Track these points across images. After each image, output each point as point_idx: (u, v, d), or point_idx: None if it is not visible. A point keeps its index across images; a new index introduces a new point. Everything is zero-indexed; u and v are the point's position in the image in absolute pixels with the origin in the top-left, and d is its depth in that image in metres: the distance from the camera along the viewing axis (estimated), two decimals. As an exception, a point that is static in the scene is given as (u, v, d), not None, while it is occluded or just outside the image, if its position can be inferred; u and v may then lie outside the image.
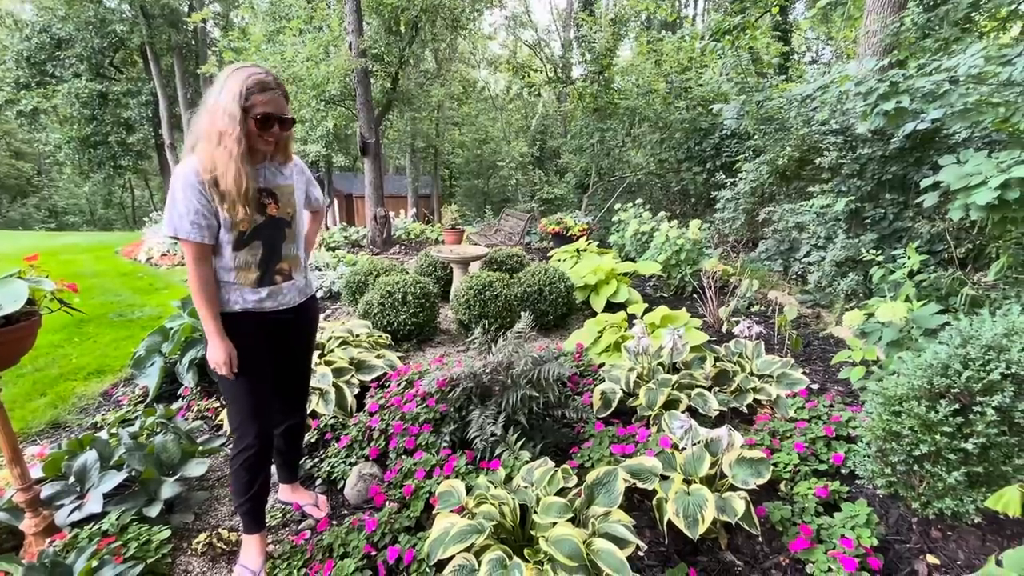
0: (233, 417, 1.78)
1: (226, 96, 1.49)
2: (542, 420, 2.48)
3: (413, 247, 8.88)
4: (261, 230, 1.66)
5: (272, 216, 1.68)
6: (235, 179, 1.52)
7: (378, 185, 8.60)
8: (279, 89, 1.58)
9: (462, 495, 1.80)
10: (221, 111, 1.49)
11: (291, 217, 1.73)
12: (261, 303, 1.71)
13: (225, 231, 1.59)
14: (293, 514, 2.10)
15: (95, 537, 1.74)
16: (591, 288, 4.70)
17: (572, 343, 3.51)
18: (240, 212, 1.56)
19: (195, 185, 1.51)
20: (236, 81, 1.50)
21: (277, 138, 1.61)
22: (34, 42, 18.07)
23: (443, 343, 4.01)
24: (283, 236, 1.73)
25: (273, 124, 1.56)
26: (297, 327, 1.87)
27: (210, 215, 1.55)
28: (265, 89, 1.53)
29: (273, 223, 1.69)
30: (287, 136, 1.66)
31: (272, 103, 1.55)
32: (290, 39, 9.44)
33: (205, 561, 1.85)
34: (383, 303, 3.72)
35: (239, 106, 1.49)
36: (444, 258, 4.68)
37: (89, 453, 2.00)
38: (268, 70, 1.57)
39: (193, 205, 1.52)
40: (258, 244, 1.66)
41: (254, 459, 1.75)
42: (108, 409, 2.94)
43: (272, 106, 1.54)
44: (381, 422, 2.47)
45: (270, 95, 1.54)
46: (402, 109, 11.94)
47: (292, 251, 1.77)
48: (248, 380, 1.72)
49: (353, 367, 2.88)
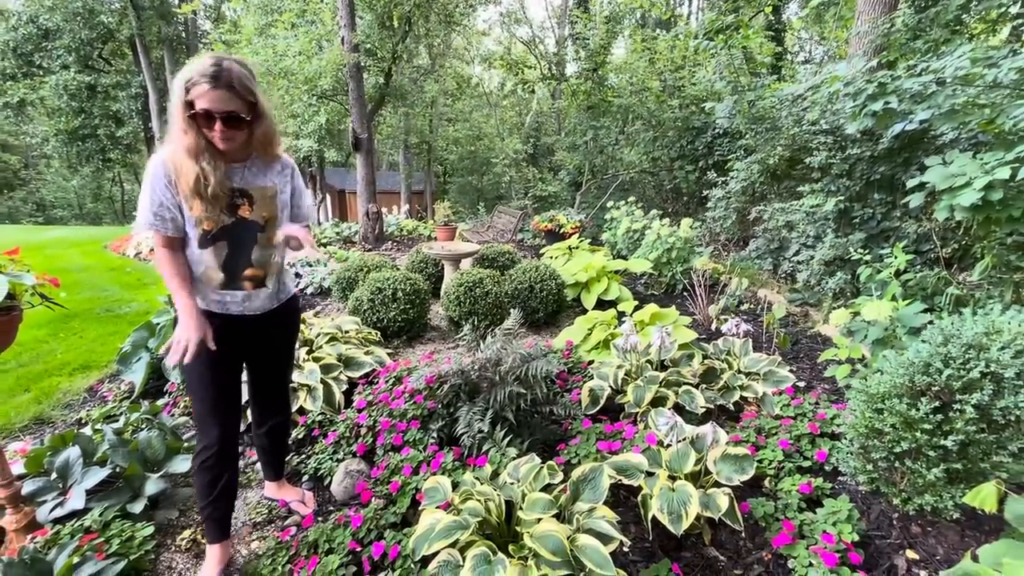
0: (195, 415, 1.75)
1: (174, 86, 1.43)
2: (530, 417, 2.48)
3: (405, 243, 8.85)
4: (229, 231, 1.58)
5: (243, 218, 1.59)
6: (186, 174, 1.46)
7: (370, 181, 8.55)
8: (225, 81, 1.40)
9: (448, 491, 1.80)
10: (172, 103, 1.44)
11: (266, 221, 1.63)
12: (225, 306, 1.66)
13: (190, 227, 1.54)
14: (279, 510, 2.10)
15: (77, 533, 1.73)
16: (582, 285, 4.70)
17: (562, 340, 3.51)
18: (197, 209, 1.50)
19: (160, 176, 1.48)
20: (183, 72, 1.42)
21: (228, 136, 1.46)
22: (21, 32, 17.79)
23: (433, 340, 4.00)
24: (254, 241, 1.63)
25: (214, 121, 1.42)
26: (268, 332, 1.80)
27: (174, 208, 1.51)
28: (208, 83, 1.39)
29: (243, 226, 1.60)
30: (262, 134, 1.54)
31: (213, 98, 1.40)
32: (282, 33, 9.35)
33: (189, 557, 1.84)
34: (373, 300, 3.71)
35: (180, 99, 1.41)
36: (435, 255, 4.67)
37: (72, 449, 1.98)
38: (224, 61, 1.43)
39: (157, 197, 1.49)
40: (223, 245, 1.59)
41: (213, 460, 1.69)
42: (93, 405, 2.91)
43: (212, 101, 1.40)
44: (369, 418, 2.46)
45: (211, 89, 1.39)
46: (395, 105, 11.87)
47: (267, 258, 1.68)
48: (207, 378, 1.66)
49: (341, 364, 2.87)
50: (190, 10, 11.25)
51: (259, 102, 1.50)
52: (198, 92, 1.39)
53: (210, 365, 1.64)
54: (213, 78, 1.39)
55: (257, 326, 1.74)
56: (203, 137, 1.45)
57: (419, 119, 17.75)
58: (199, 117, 1.41)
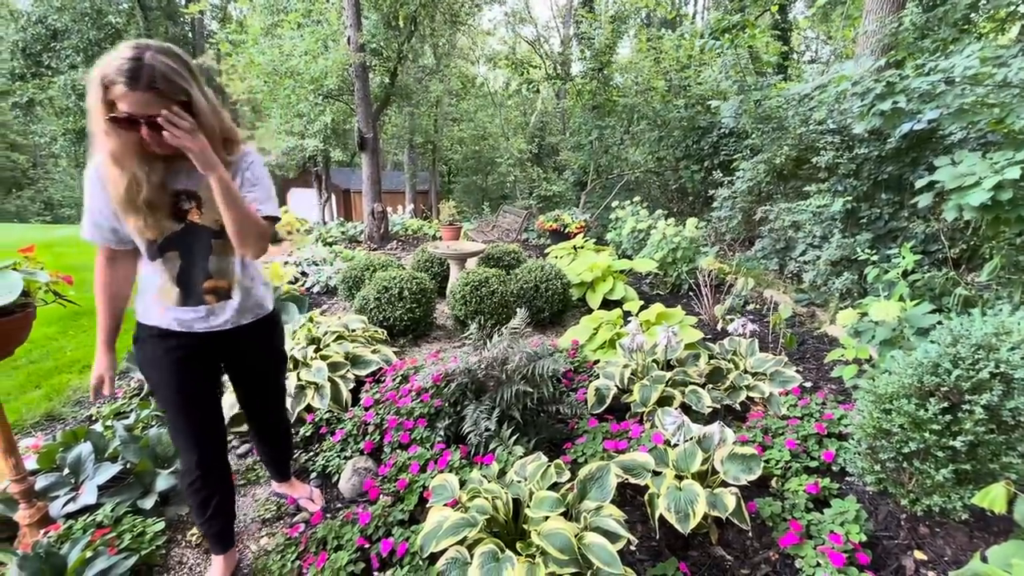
0: (171, 439, 1.70)
1: (91, 83, 1.20)
2: (536, 416, 2.49)
3: (411, 243, 8.87)
4: (178, 240, 1.39)
5: (193, 224, 1.39)
6: (114, 183, 1.28)
7: (375, 180, 8.58)
8: (146, 82, 1.17)
9: (456, 489, 1.81)
10: (90, 102, 1.22)
11: (221, 226, 1.37)
12: (187, 324, 1.47)
13: (135, 237, 1.37)
14: (288, 507, 2.11)
15: (89, 528, 1.75)
16: (587, 285, 4.71)
17: (568, 340, 3.52)
18: (132, 220, 1.32)
19: (95, 181, 1.32)
20: (99, 66, 1.18)
21: (159, 142, 1.22)
22: (30, 33, 17.95)
23: (439, 339, 4.01)
24: (208, 248, 1.42)
25: (139, 126, 1.20)
26: (240, 350, 1.61)
27: (112, 218, 1.35)
28: (125, 83, 1.16)
29: (194, 232, 1.40)
30: (205, 134, 1.27)
31: (133, 101, 1.17)
32: (288, 33, 9.40)
33: (199, 553, 1.86)
34: (379, 299, 3.73)
35: (99, 99, 1.19)
36: (441, 254, 4.69)
37: (84, 445, 2.00)
38: (145, 54, 1.18)
39: (95, 203, 1.34)
40: (174, 256, 1.40)
41: (199, 484, 1.59)
42: (103, 401, 2.93)
43: (132, 105, 1.18)
44: (376, 416, 2.48)
45: (129, 91, 1.16)
46: (400, 104, 11.91)
47: (227, 266, 1.48)
48: (176, 403, 1.52)
49: (348, 362, 2.88)
50: (197, 10, 11.31)
51: (193, 100, 1.25)
52: (117, 93, 1.17)
53: (177, 389, 1.50)
54: (131, 78, 1.16)
55: (227, 344, 1.56)
56: (133, 138, 1.24)
57: (424, 119, 17.78)
58: (121, 121, 1.19)
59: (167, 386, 1.50)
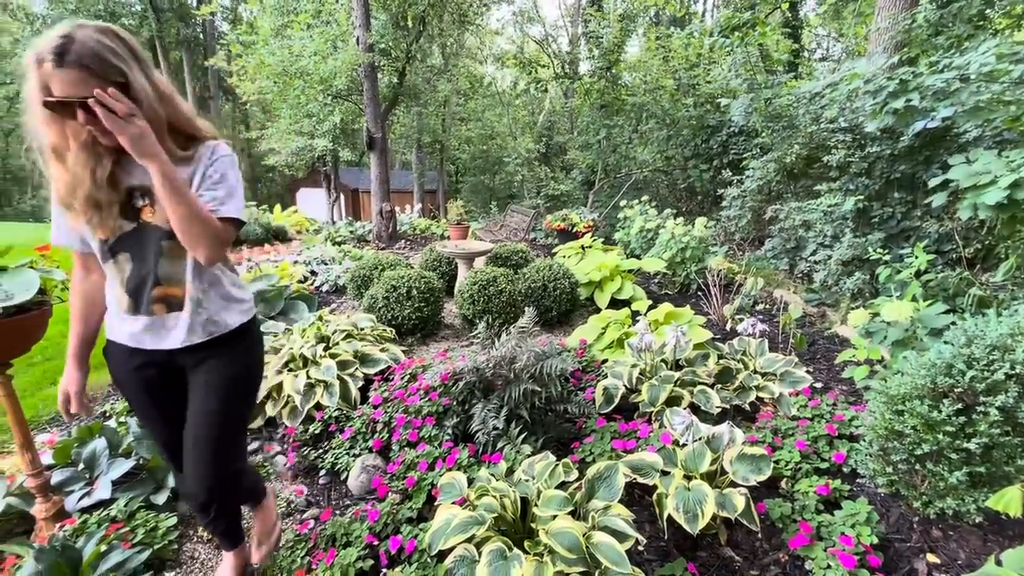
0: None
1: (27, 64, 1.07)
2: (544, 415, 2.49)
3: (419, 242, 8.90)
4: (129, 240, 1.25)
5: (146, 223, 1.25)
6: (55, 179, 1.18)
7: (384, 180, 8.62)
8: (75, 59, 1.03)
9: (464, 487, 1.82)
10: (26, 88, 1.09)
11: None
12: (137, 338, 1.31)
13: (89, 238, 1.26)
14: (298, 503, 2.13)
15: (104, 523, 1.77)
16: (595, 285, 4.70)
17: (575, 339, 3.51)
18: (73, 219, 1.22)
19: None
20: (33, 45, 1.05)
21: (101, 131, 1.10)
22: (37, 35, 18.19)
23: (447, 338, 4.02)
24: (158, 251, 1.26)
25: (72, 113, 1.06)
26: (191, 374, 1.37)
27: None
28: (53, 60, 1.03)
29: (146, 232, 1.25)
30: (151, 121, 1.13)
31: (62, 81, 1.04)
32: (298, 33, 9.47)
33: (211, 549, 1.88)
34: (388, 297, 3.74)
35: (35, 82, 1.06)
36: (449, 253, 4.70)
37: (98, 441, 2.03)
38: (78, 31, 1.06)
39: (57, 204, 1.24)
40: (126, 259, 1.26)
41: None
42: (117, 399, 2.98)
43: (61, 85, 1.05)
44: (384, 415, 2.49)
45: (56, 68, 1.03)
46: (408, 104, 11.95)
47: (179, 273, 1.29)
48: (150, 422, 1.44)
49: (357, 360, 2.90)
50: (208, 12, 11.42)
51: (131, 82, 1.11)
52: (47, 73, 1.04)
53: (144, 412, 1.42)
54: (59, 55, 1.03)
55: (176, 366, 1.36)
56: (73, 127, 1.12)
57: (432, 118, 17.83)
58: (54, 105, 1.05)
59: (136, 406, 1.42)
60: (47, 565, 1.46)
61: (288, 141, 12.78)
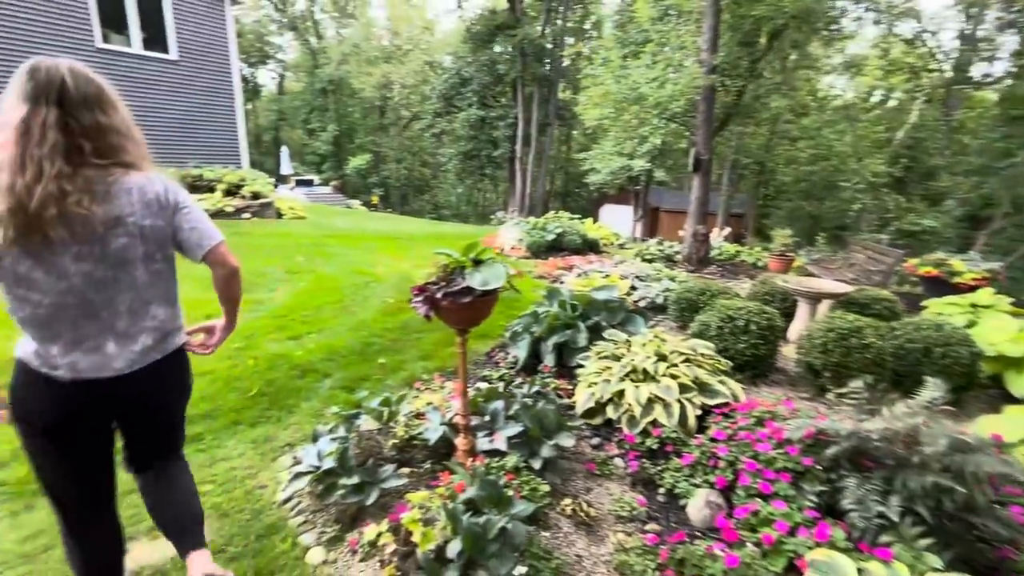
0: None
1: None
2: (950, 521, 1.93)
3: (729, 269, 8.36)
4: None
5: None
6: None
7: (704, 202, 8.41)
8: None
9: None
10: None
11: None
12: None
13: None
14: (639, 512, 2.22)
15: (501, 470, 2.21)
16: (1010, 362, 3.45)
17: (984, 429, 2.63)
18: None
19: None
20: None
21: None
22: (449, 82, 24.65)
23: (780, 383, 3.61)
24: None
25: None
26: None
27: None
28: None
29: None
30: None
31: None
32: (634, 63, 10.09)
33: (572, 524, 2.14)
34: (722, 327, 3.58)
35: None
36: (791, 289, 4.20)
37: (498, 403, 2.57)
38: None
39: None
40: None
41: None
42: (490, 367, 3.73)
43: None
44: (729, 453, 2.37)
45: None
46: (736, 123, 11.34)
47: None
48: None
49: (696, 387, 2.86)
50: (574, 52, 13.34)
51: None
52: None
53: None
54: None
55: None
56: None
57: (756, 137, 16.51)
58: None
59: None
60: (481, 487, 1.91)
61: (609, 161, 13.87)
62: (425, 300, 2.10)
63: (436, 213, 36.84)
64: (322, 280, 6.06)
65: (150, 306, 1.39)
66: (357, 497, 2.07)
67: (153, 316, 1.40)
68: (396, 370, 3.69)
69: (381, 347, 4.08)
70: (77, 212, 1.20)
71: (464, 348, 2.31)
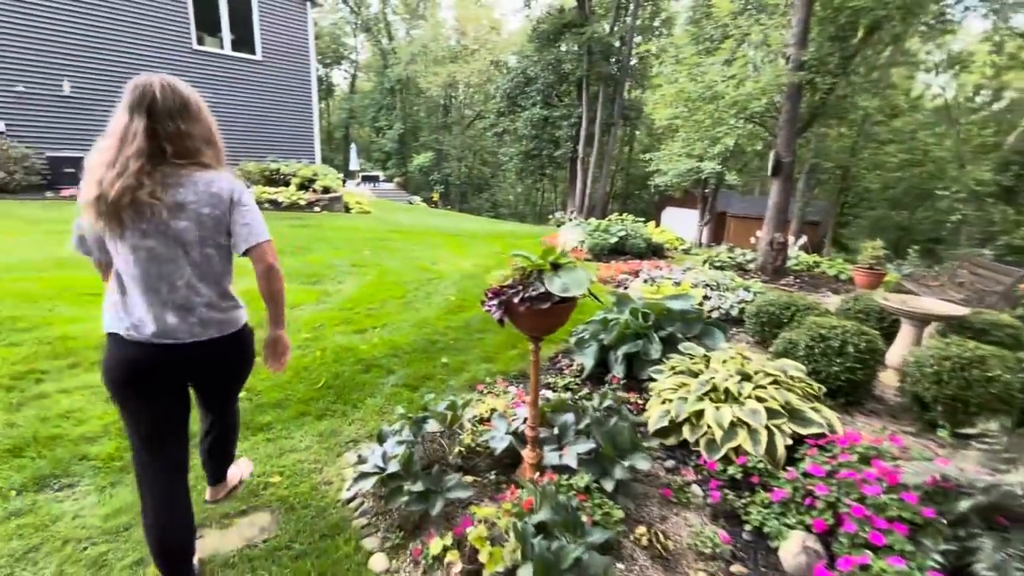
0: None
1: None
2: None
3: (806, 281, 7.76)
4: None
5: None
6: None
7: (782, 208, 7.85)
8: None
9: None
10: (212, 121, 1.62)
11: None
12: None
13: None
14: (723, 550, 2.00)
15: (571, 490, 2.07)
16: None
17: None
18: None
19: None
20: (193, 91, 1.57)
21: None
22: (514, 81, 24.66)
23: (877, 414, 3.23)
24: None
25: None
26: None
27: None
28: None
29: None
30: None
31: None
32: (708, 60, 9.56)
33: (647, 556, 1.96)
34: (812, 348, 3.25)
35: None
36: (892, 308, 3.76)
37: (568, 415, 2.42)
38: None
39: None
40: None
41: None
42: (553, 373, 3.59)
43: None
44: (829, 493, 2.10)
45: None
46: (821, 124, 10.53)
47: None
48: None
49: (786, 413, 2.58)
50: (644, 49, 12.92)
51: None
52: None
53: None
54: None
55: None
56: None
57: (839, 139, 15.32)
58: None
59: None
60: (558, 514, 1.77)
61: (677, 163, 13.31)
62: (500, 304, 1.99)
63: (494, 211, 37.09)
64: (386, 274, 6.15)
65: (201, 285, 1.58)
66: (421, 505, 2.00)
67: (203, 294, 1.59)
68: (459, 371, 3.63)
69: (444, 346, 4.04)
70: (148, 200, 1.43)
71: (537, 356, 2.19)
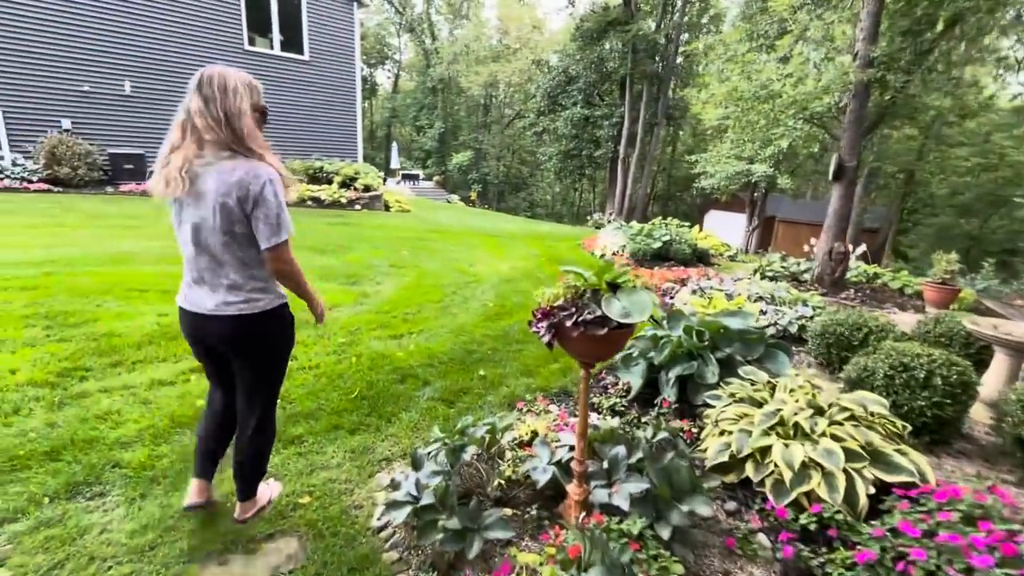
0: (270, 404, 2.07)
1: (249, 92, 1.72)
2: None
3: (868, 295, 7.19)
4: None
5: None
6: (286, 180, 1.79)
7: (844, 216, 7.33)
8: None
9: None
10: (248, 110, 1.70)
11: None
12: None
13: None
14: (798, 619, 1.74)
15: (623, 537, 1.85)
16: None
17: None
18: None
19: (282, 185, 1.76)
20: (245, 80, 1.71)
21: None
22: (555, 80, 24.35)
23: (967, 455, 2.86)
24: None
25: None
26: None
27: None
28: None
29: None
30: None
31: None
32: (766, 57, 9.02)
33: (709, 623, 1.72)
34: (892, 377, 2.90)
35: (258, 107, 1.77)
36: (982, 335, 3.34)
37: (619, 448, 2.19)
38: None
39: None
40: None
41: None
42: (597, 391, 3.37)
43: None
44: (928, 558, 1.80)
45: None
46: (889, 125, 9.81)
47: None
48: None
49: (867, 456, 2.28)
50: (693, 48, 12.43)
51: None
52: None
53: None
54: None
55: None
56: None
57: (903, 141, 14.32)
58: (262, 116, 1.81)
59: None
60: (602, 558, 1.57)
61: (725, 165, 12.74)
62: (550, 327, 1.79)
63: (531, 211, 36.86)
64: (424, 276, 6.06)
65: (224, 267, 1.72)
66: (457, 545, 1.83)
67: (227, 276, 1.73)
68: (496, 385, 3.45)
69: (481, 356, 3.88)
70: (194, 182, 1.63)
71: (586, 384, 1.98)
